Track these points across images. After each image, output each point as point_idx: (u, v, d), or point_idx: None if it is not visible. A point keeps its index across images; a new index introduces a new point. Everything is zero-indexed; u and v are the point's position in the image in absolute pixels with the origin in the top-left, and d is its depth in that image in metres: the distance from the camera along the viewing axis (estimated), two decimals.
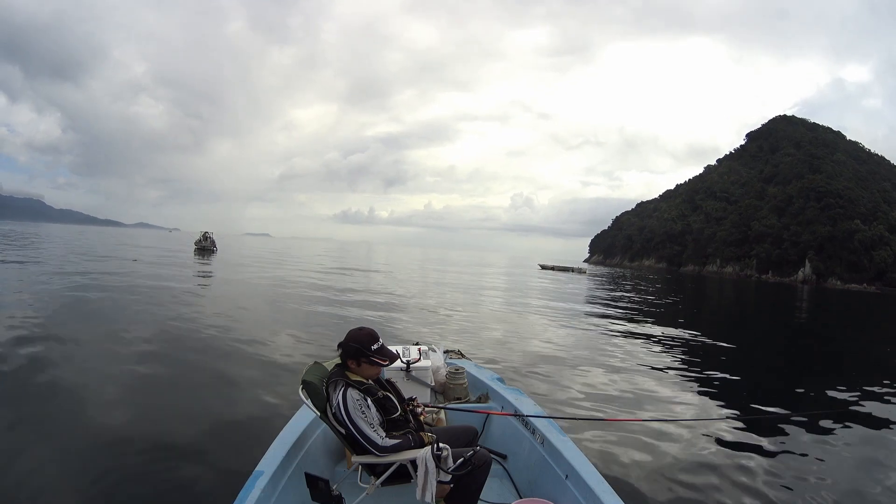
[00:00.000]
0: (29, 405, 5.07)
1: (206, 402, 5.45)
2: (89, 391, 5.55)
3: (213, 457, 4.08)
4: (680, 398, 6.76)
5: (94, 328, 8.77)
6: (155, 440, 4.33)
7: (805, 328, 19.53)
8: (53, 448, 4.13)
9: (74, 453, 4.06)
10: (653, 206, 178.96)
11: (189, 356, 7.35)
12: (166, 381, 6.11)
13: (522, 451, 3.33)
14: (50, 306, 10.40)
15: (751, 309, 28.37)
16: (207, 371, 6.66)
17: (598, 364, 8.50)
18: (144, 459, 3.98)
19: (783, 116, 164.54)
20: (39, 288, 12.96)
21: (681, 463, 4.49)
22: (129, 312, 10.54)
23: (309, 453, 3.08)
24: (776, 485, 4.14)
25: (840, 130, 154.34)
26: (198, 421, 4.86)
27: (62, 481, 3.65)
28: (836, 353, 13.19)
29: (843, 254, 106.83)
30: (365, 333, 2.79)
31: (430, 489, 2.45)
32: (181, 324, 9.64)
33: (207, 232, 46.68)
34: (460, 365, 4.48)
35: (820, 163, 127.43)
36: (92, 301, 11.61)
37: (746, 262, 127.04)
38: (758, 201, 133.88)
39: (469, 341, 9.66)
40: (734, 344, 11.86)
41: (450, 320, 12.78)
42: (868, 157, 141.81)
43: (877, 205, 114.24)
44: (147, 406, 5.23)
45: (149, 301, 12.24)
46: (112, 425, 4.63)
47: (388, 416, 2.72)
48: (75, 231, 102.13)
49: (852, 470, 4.60)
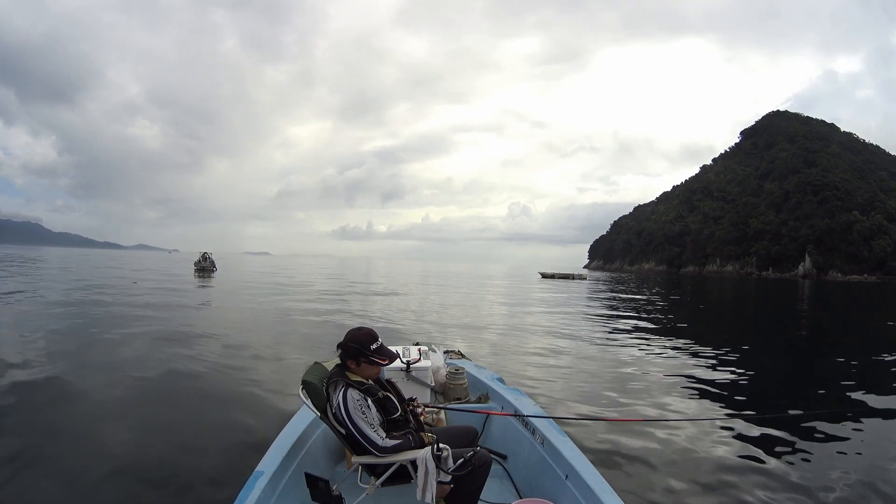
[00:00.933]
0: (30, 405, 5.16)
1: (206, 403, 5.48)
2: (91, 399, 5.58)
3: (214, 457, 4.08)
4: (681, 398, 6.68)
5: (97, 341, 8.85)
6: (155, 441, 4.36)
7: (806, 323, 19.49)
8: (53, 448, 4.16)
9: (75, 454, 4.09)
10: (650, 208, 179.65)
11: (187, 361, 7.43)
12: (167, 385, 6.16)
13: (522, 451, 3.32)
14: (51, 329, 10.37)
15: (751, 307, 28.32)
16: (206, 373, 6.72)
17: (598, 364, 8.49)
18: (145, 460, 3.99)
19: (777, 112, 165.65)
20: (40, 312, 12.93)
21: (682, 463, 4.44)
22: (128, 329, 10.51)
23: (309, 453, 3.08)
24: (778, 485, 4.06)
25: (834, 122, 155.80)
26: (198, 421, 4.88)
27: (62, 481, 3.68)
28: (839, 347, 13.15)
29: (843, 246, 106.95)
30: (364, 333, 2.79)
31: (431, 489, 2.44)
32: (180, 335, 9.71)
33: (207, 252, 46.80)
34: (460, 365, 4.48)
35: (815, 156, 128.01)
36: (92, 320, 11.59)
37: (746, 260, 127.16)
38: (755, 198, 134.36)
39: (470, 343, 9.65)
40: (735, 343, 11.81)
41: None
42: (863, 148, 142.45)
43: (874, 195, 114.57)
44: (147, 408, 5.27)
45: (148, 316, 12.27)
46: (113, 427, 4.67)
47: (388, 416, 2.71)
48: (75, 254, 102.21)
49: (860, 469, 4.49)
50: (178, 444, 4.31)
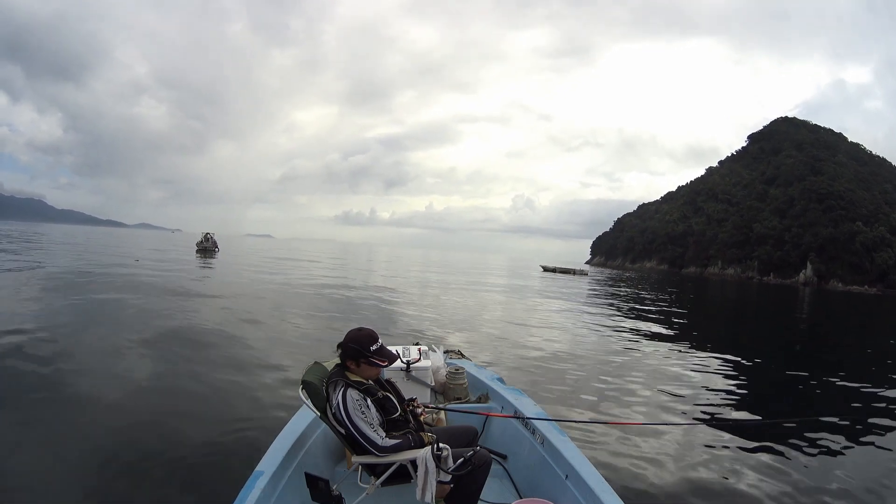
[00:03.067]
0: (30, 406, 5.07)
1: (206, 403, 5.46)
2: (90, 393, 5.55)
3: (214, 457, 4.08)
4: (681, 399, 6.74)
5: (96, 329, 8.78)
6: (155, 440, 4.34)
7: (807, 331, 19.49)
8: (53, 449, 4.13)
9: (75, 453, 4.06)
10: (654, 207, 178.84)
11: (189, 357, 7.36)
12: (167, 383, 6.11)
13: (522, 451, 3.33)
14: (52, 308, 10.41)
15: (753, 311, 28.33)
16: (208, 372, 6.65)
17: (599, 365, 8.50)
18: (145, 459, 3.98)
19: (785, 118, 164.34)
20: (42, 289, 12.98)
21: (682, 465, 4.48)
22: (130, 313, 10.56)
23: (309, 453, 3.08)
24: (778, 488, 4.12)
25: (841, 132, 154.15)
26: (198, 421, 4.86)
27: (62, 482, 3.66)
28: (840, 355, 13.15)
29: (845, 256, 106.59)
30: (364, 334, 2.79)
31: (430, 489, 2.45)
32: (181, 325, 9.64)
33: (209, 233, 46.66)
34: (460, 365, 4.48)
35: (821, 164, 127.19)
36: (95, 301, 11.63)
37: (748, 264, 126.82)
38: (759, 203, 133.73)
39: (471, 343, 9.66)
40: (737, 347, 11.84)
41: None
42: (869, 159, 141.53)
43: (878, 206, 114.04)
44: (147, 407, 5.23)
45: (151, 302, 12.26)
46: (112, 426, 4.64)
47: (388, 416, 2.72)
48: (78, 231, 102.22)
49: (857, 475, 4.55)
50: (177, 443, 4.30)
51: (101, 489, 3.55)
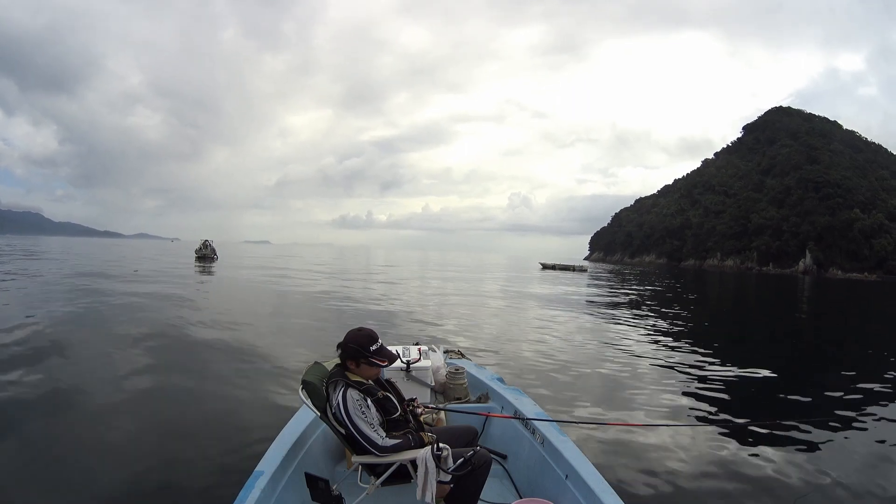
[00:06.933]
0: (31, 407, 5.13)
1: (206, 403, 5.49)
2: (91, 397, 5.59)
3: (214, 457, 4.10)
4: (681, 400, 6.67)
5: (97, 337, 8.81)
6: (155, 441, 4.37)
7: (809, 322, 19.49)
8: (53, 449, 4.18)
9: (76, 454, 4.10)
10: (651, 201, 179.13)
11: (189, 359, 7.42)
12: (167, 385, 6.15)
13: (522, 451, 3.33)
14: (52, 319, 10.40)
15: (753, 303, 28.32)
16: (208, 372, 6.72)
17: (599, 364, 8.48)
18: (145, 460, 4.00)
19: (779, 108, 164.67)
20: (42, 301, 12.95)
21: (682, 465, 4.45)
22: (130, 320, 10.54)
23: (309, 453, 3.09)
24: (779, 488, 4.09)
25: (836, 120, 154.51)
26: (198, 422, 4.89)
27: (62, 482, 3.69)
28: (842, 347, 13.15)
29: (843, 243, 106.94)
30: (364, 334, 2.79)
31: (430, 489, 2.45)
32: (181, 330, 9.69)
33: (208, 240, 46.50)
34: (460, 365, 4.48)
35: (817, 153, 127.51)
36: (94, 312, 11.61)
37: (747, 255, 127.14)
38: (756, 194, 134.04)
39: (471, 343, 9.67)
40: (738, 344, 11.80)
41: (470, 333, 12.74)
42: (865, 146, 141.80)
43: (875, 193, 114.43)
44: (147, 408, 5.27)
45: (150, 309, 12.26)
46: (113, 427, 4.68)
47: (388, 416, 2.72)
48: (76, 244, 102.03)
49: (860, 473, 4.52)
50: (177, 443, 4.32)
51: (102, 490, 3.57)
